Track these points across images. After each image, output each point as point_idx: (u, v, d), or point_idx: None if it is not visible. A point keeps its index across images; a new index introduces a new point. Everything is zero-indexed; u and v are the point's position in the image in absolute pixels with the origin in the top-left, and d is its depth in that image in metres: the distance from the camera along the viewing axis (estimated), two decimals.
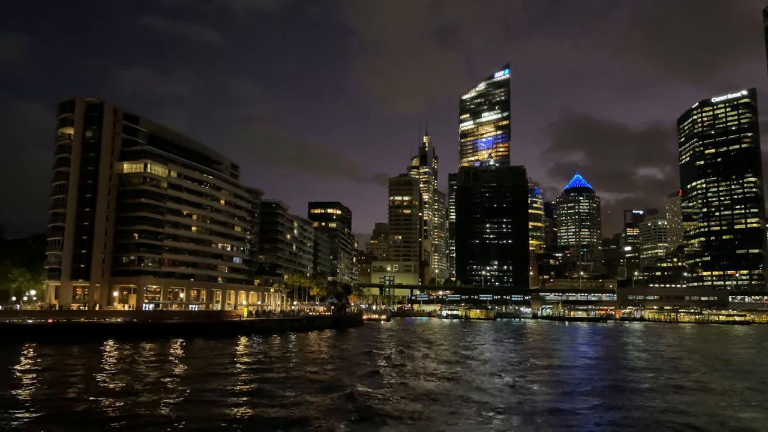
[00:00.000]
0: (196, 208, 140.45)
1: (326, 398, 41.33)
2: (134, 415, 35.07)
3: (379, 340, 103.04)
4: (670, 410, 37.43)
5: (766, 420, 34.82)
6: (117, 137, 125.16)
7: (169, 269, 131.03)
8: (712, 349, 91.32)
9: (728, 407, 38.68)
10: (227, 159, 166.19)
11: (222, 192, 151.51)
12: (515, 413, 36.45)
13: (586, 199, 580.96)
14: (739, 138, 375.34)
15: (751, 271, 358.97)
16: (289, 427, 32.13)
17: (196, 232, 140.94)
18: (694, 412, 37.23)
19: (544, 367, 63.36)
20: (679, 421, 34.06)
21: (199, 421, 33.69)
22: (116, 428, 32.16)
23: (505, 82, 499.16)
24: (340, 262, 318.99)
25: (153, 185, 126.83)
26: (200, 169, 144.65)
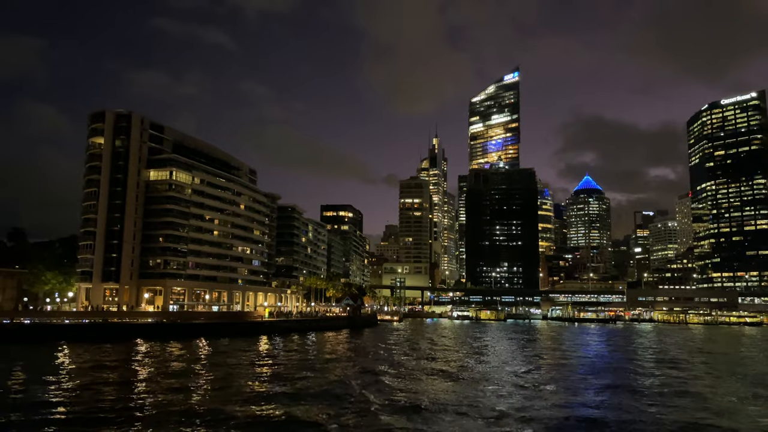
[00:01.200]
0: (217, 213, 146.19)
1: (346, 393, 43.63)
2: (171, 407, 37.26)
3: (395, 339, 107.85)
4: (666, 407, 41.45)
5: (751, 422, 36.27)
6: (144, 146, 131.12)
7: (193, 272, 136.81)
8: (716, 350, 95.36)
9: (720, 409, 39.73)
10: (246, 165, 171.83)
11: (242, 197, 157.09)
12: (521, 408, 38.76)
13: (595, 200, 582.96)
14: (748, 140, 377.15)
15: (761, 273, 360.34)
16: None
17: (217, 236, 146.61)
18: (687, 412, 38.49)
19: (551, 365, 67.84)
20: (671, 418, 36.59)
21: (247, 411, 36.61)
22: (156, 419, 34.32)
23: (515, 84, 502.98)
24: (352, 264, 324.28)
25: (178, 192, 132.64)
26: (221, 175, 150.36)
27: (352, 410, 36.68)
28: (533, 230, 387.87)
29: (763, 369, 66.20)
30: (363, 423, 33.30)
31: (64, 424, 33.37)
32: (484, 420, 35.03)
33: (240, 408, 37.02)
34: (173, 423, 32.90)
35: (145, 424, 32.51)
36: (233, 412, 35.43)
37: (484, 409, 38.12)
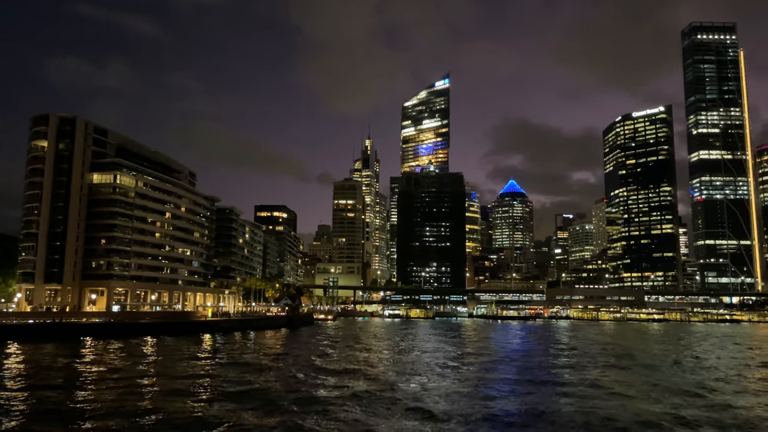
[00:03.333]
0: (159, 216, 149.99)
1: (283, 384, 46.70)
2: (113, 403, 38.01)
3: (331, 336, 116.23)
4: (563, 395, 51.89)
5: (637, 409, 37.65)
6: (88, 149, 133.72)
7: (135, 273, 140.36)
8: (619, 343, 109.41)
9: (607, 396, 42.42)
10: (186, 168, 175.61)
11: (183, 200, 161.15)
12: (442, 396, 42.18)
13: (519, 203, 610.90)
14: (656, 150, 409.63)
15: (665, 273, 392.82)
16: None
17: (159, 238, 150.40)
18: (582, 399, 41.49)
19: (472, 359, 78.40)
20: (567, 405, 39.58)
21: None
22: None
23: (445, 91, 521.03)
24: (286, 264, 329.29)
25: (122, 195, 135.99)
26: (163, 178, 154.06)
27: (290, 409, 36.47)
28: (461, 232, 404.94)
29: (650, 360, 79.27)
30: (286, 419, 33.40)
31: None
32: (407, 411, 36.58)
33: (182, 405, 37.00)
34: (123, 420, 32.78)
35: (91, 422, 32.24)
36: (176, 410, 35.38)
37: (408, 402, 39.71)
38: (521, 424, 32.71)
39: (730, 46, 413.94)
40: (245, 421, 32.62)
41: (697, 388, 45.74)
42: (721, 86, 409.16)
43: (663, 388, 45.44)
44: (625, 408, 37.37)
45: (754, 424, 33.29)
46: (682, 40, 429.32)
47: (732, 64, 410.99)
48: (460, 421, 33.19)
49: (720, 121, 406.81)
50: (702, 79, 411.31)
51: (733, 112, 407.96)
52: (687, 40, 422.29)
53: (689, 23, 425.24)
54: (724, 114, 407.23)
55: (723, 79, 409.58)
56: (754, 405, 39.02)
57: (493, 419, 33.77)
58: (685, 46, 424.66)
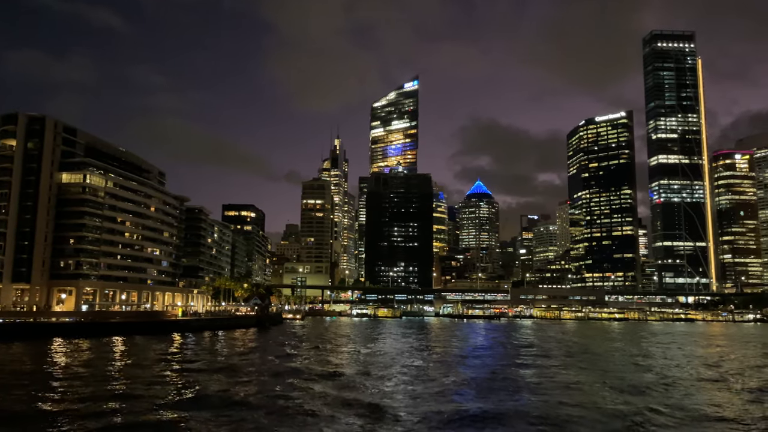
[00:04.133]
0: (129, 215, 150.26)
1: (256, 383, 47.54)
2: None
3: (300, 335, 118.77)
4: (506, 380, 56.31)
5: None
6: (57, 149, 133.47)
7: (104, 273, 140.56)
8: (576, 341, 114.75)
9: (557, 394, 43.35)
10: (156, 167, 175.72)
11: (152, 200, 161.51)
12: (404, 389, 45.04)
13: (486, 204, 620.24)
14: (618, 154, 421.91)
15: (625, 273, 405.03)
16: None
17: (128, 238, 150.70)
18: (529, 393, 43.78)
19: (437, 356, 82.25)
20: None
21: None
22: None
23: (414, 92, 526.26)
24: (254, 264, 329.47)
25: (91, 194, 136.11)
26: (133, 178, 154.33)
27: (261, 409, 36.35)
28: (428, 232, 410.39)
29: (600, 360, 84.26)
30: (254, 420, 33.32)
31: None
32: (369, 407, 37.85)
33: (141, 408, 36.24)
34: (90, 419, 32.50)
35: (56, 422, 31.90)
36: (134, 412, 34.90)
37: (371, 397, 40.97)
38: (480, 420, 33.68)
39: (689, 54, 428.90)
40: (198, 425, 31.35)
41: (648, 384, 48.45)
42: (680, 93, 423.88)
43: (614, 384, 48.52)
44: (580, 403, 39.31)
45: (698, 416, 35.71)
46: (643, 48, 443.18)
47: (690, 71, 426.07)
48: (417, 418, 33.72)
49: (678, 127, 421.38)
50: (662, 85, 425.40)
51: (691, 118, 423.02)
52: (648, 47, 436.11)
53: (650, 31, 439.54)
54: (682, 120, 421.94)
55: (681, 86, 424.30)
56: (703, 402, 42.05)
57: (452, 416, 34.51)
58: (645, 53, 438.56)
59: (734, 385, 49.50)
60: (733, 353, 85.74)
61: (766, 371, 61.27)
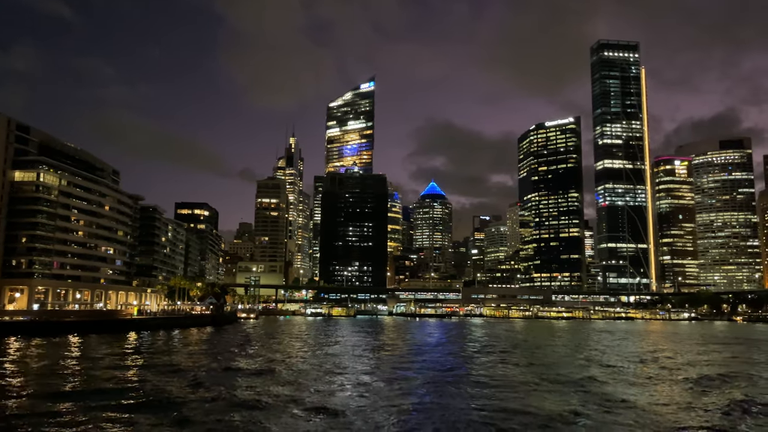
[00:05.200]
0: (83, 214, 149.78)
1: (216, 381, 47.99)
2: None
3: (253, 334, 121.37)
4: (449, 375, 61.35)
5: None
6: (10, 147, 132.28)
7: (57, 271, 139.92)
8: (520, 338, 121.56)
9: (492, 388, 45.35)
10: (110, 166, 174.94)
11: (106, 198, 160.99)
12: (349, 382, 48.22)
13: (439, 205, 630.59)
14: (566, 158, 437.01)
15: (572, 274, 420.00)
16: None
17: (82, 237, 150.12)
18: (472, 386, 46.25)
19: (388, 353, 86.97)
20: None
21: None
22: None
23: (370, 93, 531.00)
24: (207, 263, 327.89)
25: (45, 193, 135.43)
26: (87, 177, 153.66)
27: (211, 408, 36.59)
28: (383, 232, 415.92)
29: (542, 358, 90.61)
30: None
31: None
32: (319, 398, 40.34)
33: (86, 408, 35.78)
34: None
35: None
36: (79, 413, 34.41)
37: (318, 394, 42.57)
38: (424, 417, 34.31)
39: (633, 63, 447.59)
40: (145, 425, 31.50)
41: (587, 380, 51.02)
42: (625, 100, 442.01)
43: (554, 379, 51.15)
44: (521, 397, 41.24)
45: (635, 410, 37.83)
46: (591, 56, 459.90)
47: (634, 80, 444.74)
48: (363, 416, 34.18)
49: (623, 133, 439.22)
50: (608, 93, 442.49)
51: (635, 125, 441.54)
52: (595, 55, 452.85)
53: (597, 40, 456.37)
54: (626, 126, 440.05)
55: (626, 93, 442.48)
56: (637, 394, 46.96)
57: (398, 414, 34.96)
58: (593, 62, 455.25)
59: (659, 377, 55.61)
60: (664, 348, 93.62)
61: (682, 364, 68.35)
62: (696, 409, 37.94)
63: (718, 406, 38.73)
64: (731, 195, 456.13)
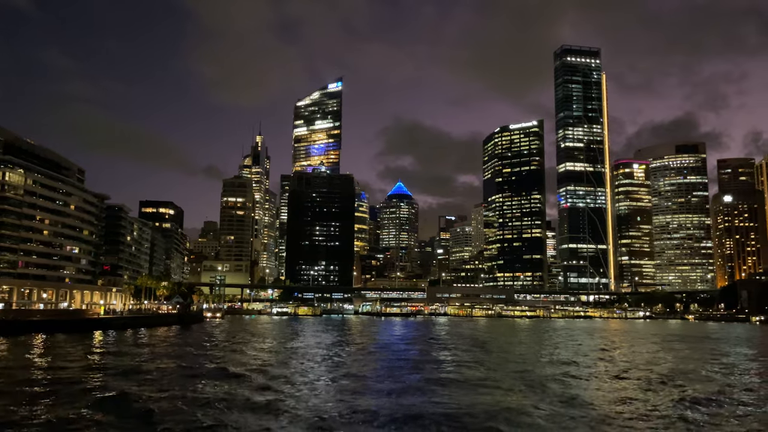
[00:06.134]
0: (48, 214, 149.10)
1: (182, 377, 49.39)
2: None
3: (221, 332, 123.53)
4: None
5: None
6: None
7: (22, 271, 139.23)
8: (479, 336, 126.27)
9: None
10: (75, 165, 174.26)
11: (72, 198, 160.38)
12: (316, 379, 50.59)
13: (406, 205, 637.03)
14: (529, 161, 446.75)
15: (534, 273, 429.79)
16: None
17: (48, 236, 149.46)
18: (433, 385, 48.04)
19: (354, 349, 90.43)
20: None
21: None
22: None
23: (338, 93, 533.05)
24: (173, 262, 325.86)
25: (10, 192, 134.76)
26: (52, 176, 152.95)
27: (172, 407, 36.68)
28: (350, 232, 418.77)
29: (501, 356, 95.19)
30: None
31: None
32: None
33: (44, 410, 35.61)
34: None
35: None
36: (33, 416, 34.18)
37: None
38: (380, 414, 34.75)
39: (595, 69, 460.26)
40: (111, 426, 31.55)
41: (548, 378, 52.59)
42: (586, 105, 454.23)
43: (512, 377, 53.08)
44: (477, 394, 42.45)
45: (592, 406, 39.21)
46: (555, 60, 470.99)
47: (596, 85, 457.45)
48: (322, 416, 34.20)
49: (584, 137, 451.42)
50: (570, 97, 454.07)
51: (596, 129, 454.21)
52: (558, 60, 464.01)
53: (561, 45, 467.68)
54: (587, 130, 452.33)
55: (588, 98, 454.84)
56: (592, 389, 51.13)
57: (358, 413, 35.12)
58: (556, 66, 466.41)
59: (611, 373, 60.43)
60: (620, 345, 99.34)
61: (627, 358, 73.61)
62: (647, 405, 39.19)
63: (669, 402, 40.34)
64: (686, 198, 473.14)
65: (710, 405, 39.66)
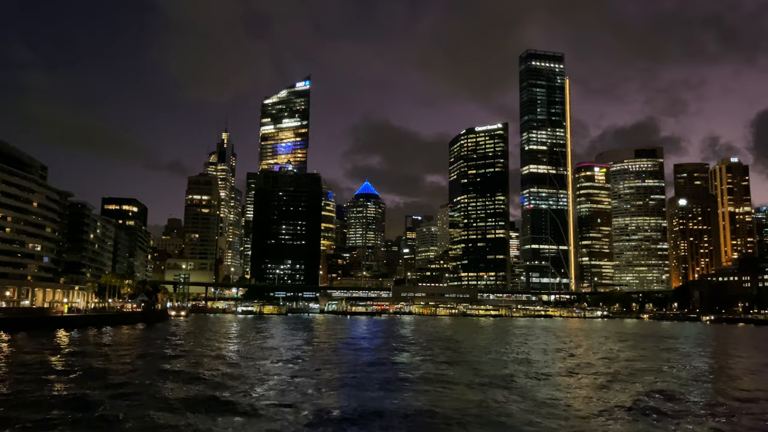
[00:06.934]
0: (10, 210, 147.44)
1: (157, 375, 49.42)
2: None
3: (186, 330, 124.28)
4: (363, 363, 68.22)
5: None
6: None
7: None
8: (442, 334, 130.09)
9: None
10: (38, 161, 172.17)
11: (35, 195, 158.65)
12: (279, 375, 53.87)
13: (373, 204, 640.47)
14: (494, 163, 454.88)
15: (497, 273, 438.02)
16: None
17: (9, 233, 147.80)
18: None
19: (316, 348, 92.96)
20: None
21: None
22: None
23: (306, 92, 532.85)
24: (136, 260, 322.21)
25: None
26: (14, 172, 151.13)
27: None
28: (316, 231, 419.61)
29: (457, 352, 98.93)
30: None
31: None
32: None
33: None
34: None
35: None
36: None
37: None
38: (350, 412, 34.78)
39: (559, 74, 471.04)
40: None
41: (505, 377, 53.44)
42: (550, 109, 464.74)
43: (470, 376, 53.66)
44: (436, 392, 43.31)
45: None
46: (520, 64, 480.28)
47: (559, 90, 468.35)
48: (287, 416, 33.93)
49: (547, 140, 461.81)
50: (534, 101, 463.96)
51: (559, 132, 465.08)
52: (523, 64, 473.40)
53: (526, 50, 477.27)
54: (551, 134, 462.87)
55: (552, 102, 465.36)
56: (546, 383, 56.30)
57: (321, 412, 35.21)
58: (521, 70, 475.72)
59: (567, 370, 64.49)
60: (578, 344, 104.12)
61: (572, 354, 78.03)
62: (602, 401, 40.09)
63: (624, 398, 41.51)
64: (644, 201, 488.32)
65: (661, 401, 40.92)
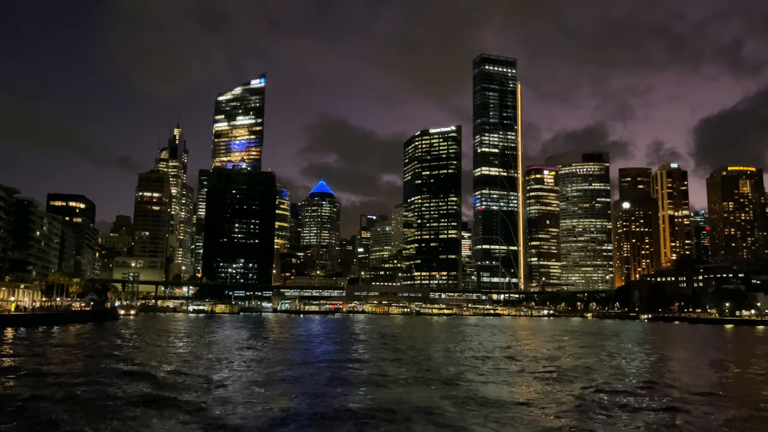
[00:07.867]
0: None
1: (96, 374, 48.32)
2: None
3: (135, 329, 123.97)
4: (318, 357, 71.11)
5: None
6: None
7: None
8: (392, 333, 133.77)
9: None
10: None
11: None
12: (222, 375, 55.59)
13: (328, 203, 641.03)
14: (447, 164, 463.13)
15: (449, 273, 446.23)
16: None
17: None
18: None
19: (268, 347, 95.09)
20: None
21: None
22: None
23: (261, 90, 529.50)
24: (83, 258, 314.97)
25: None
26: None
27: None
28: (270, 229, 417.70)
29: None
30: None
31: None
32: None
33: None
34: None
35: None
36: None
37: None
38: (302, 413, 34.43)
39: (511, 78, 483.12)
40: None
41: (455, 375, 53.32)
42: (502, 113, 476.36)
43: (420, 374, 54.19)
44: (387, 391, 43.22)
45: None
46: (474, 68, 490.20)
47: (511, 94, 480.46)
48: (237, 417, 33.29)
49: (499, 143, 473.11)
50: (487, 104, 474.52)
51: (510, 135, 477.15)
52: (477, 68, 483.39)
53: (479, 54, 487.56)
54: (502, 137, 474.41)
55: (504, 106, 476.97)
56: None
57: (273, 412, 34.83)
58: (475, 74, 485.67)
59: (511, 367, 68.63)
60: (525, 341, 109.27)
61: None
62: (549, 398, 40.57)
63: (571, 394, 42.23)
64: (591, 203, 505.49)
65: (600, 395, 42.16)
